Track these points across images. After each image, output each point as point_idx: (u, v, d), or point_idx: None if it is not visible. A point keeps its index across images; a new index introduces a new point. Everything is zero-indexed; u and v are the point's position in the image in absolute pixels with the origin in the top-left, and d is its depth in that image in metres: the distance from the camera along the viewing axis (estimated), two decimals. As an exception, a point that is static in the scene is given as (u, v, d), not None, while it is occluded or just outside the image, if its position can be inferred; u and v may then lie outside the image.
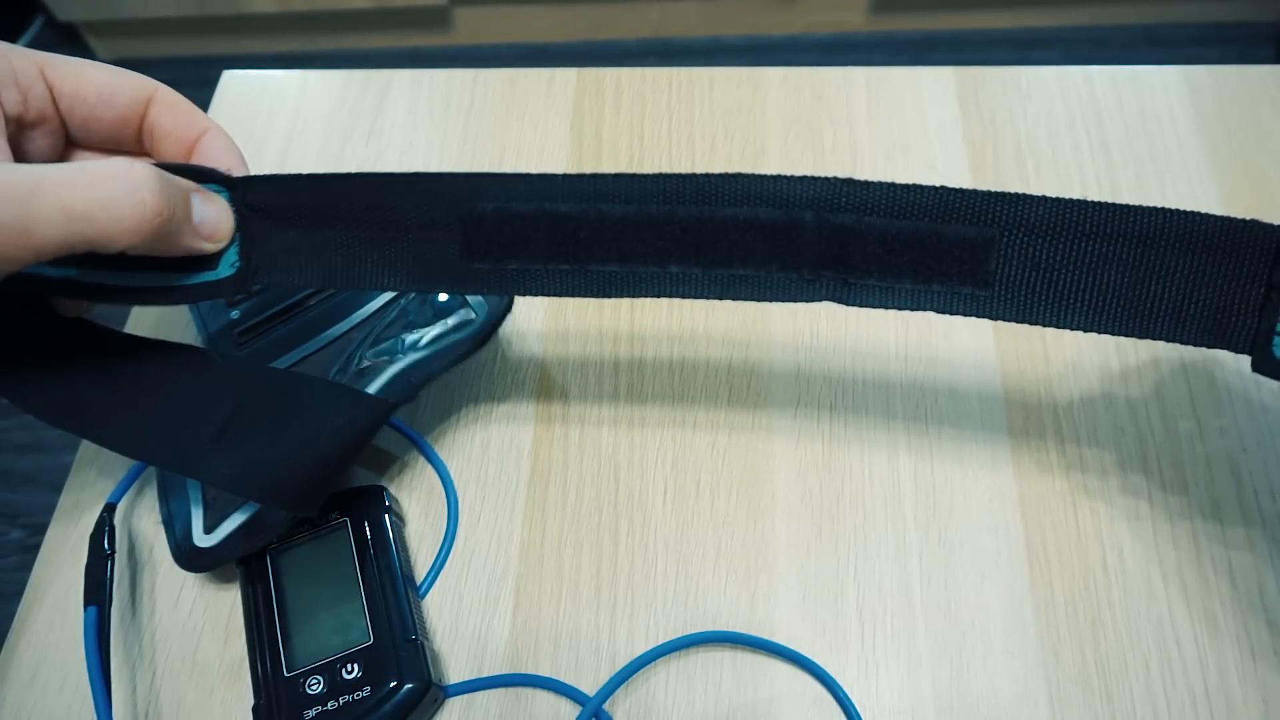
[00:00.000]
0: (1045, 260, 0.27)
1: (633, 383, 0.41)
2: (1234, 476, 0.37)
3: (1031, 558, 0.36)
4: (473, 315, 0.38)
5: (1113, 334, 0.28)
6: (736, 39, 1.51)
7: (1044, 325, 0.28)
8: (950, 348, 0.41)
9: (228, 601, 0.37)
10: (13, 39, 1.56)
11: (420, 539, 0.38)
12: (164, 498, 0.37)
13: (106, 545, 0.35)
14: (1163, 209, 0.27)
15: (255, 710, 0.33)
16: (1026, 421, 0.39)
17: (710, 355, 0.42)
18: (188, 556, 0.35)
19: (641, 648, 0.35)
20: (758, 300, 0.29)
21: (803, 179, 0.28)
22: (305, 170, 0.31)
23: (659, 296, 0.29)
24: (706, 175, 0.28)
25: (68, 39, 1.56)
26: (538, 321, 0.43)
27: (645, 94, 0.50)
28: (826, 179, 0.28)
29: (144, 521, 0.39)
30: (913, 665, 0.35)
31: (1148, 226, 0.27)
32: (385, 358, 0.37)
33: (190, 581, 0.37)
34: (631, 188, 0.28)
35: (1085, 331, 0.28)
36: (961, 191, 0.27)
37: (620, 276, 0.29)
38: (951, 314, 0.28)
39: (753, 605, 0.36)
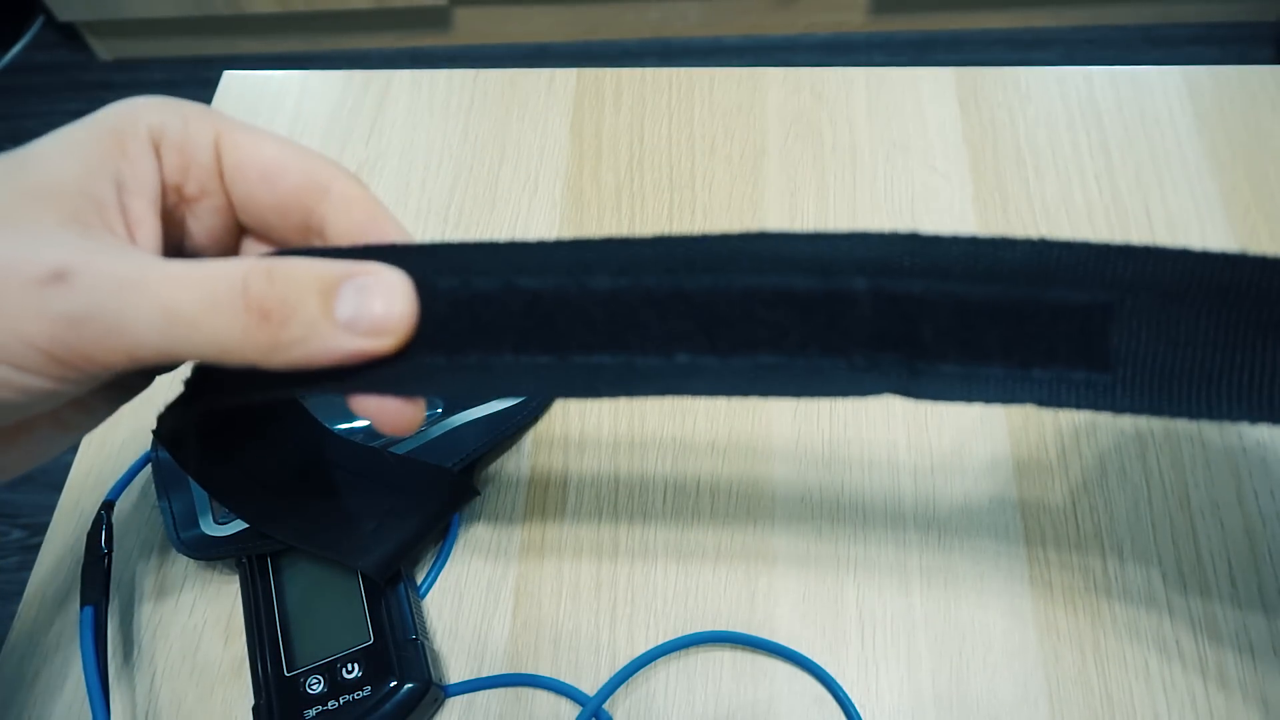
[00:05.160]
0: (1184, 332, 0.21)
1: (633, 383, 0.41)
2: (1234, 476, 0.37)
3: (1031, 558, 0.36)
4: None
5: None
6: (736, 39, 1.51)
7: (1188, 418, 0.21)
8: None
9: (228, 601, 0.37)
10: (13, 39, 1.57)
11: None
12: (162, 488, 0.37)
13: (104, 544, 0.35)
14: None
15: (255, 710, 0.33)
16: (1026, 422, 0.39)
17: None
18: (193, 545, 0.35)
19: (641, 648, 0.35)
20: (795, 396, 0.22)
21: (850, 235, 0.21)
22: None
23: (664, 395, 0.22)
24: (721, 236, 0.22)
25: (68, 39, 1.56)
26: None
27: (645, 94, 0.50)
28: (883, 235, 0.21)
29: (145, 520, 0.39)
30: (913, 665, 0.35)
31: None
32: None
33: (191, 581, 0.37)
34: (623, 254, 0.22)
35: (1249, 423, 0.21)
36: (1066, 245, 0.21)
37: (613, 370, 0.22)
38: (1059, 407, 0.22)
39: (753, 605, 0.36)
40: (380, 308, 0.21)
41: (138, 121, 0.22)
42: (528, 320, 0.22)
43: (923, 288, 0.21)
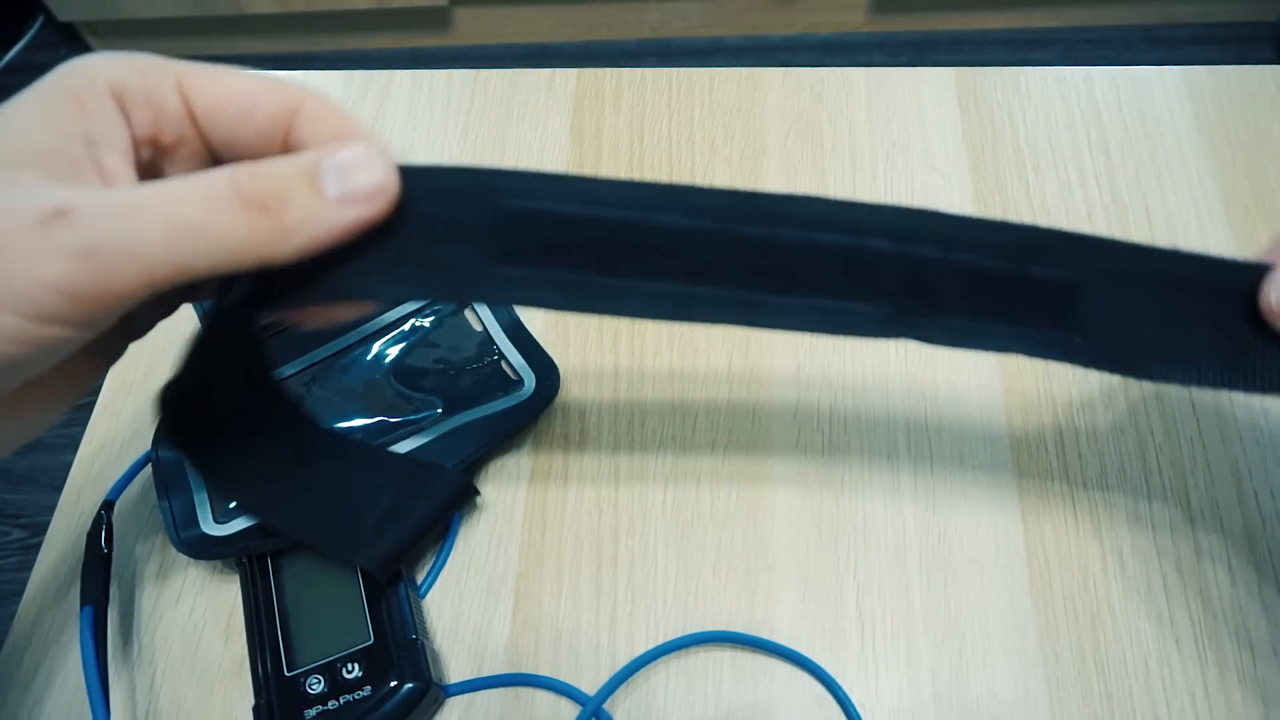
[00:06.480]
0: (1132, 309, 0.25)
1: (633, 382, 0.41)
2: (1234, 476, 0.37)
3: (1031, 558, 0.36)
4: (521, 388, 0.39)
5: (1207, 387, 0.26)
6: (736, 39, 1.51)
7: (1135, 377, 0.26)
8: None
9: (228, 601, 0.37)
10: (13, 39, 1.57)
11: (420, 539, 0.38)
12: (162, 488, 0.37)
13: (104, 543, 0.35)
14: (1243, 264, 0.25)
15: (256, 710, 0.33)
16: (1026, 421, 0.39)
17: (711, 355, 0.42)
18: (194, 544, 0.35)
19: (641, 648, 0.35)
20: (833, 334, 0.26)
21: (879, 207, 0.25)
22: None
23: (721, 324, 0.25)
24: (770, 194, 0.25)
25: (68, 39, 1.56)
26: (537, 320, 0.43)
27: (645, 94, 0.50)
28: (906, 208, 0.25)
29: (145, 520, 0.39)
30: (913, 665, 0.35)
31: (1232, 277, 0.25)
32: (420, 408, 0.39)
33: (191, 581, 0.37)
34: (690, 200, 0.24)
35: (1184, 385, 0.26)
36: (1048, 232, 0.25)
37: (678, 298, 0.24)
38: (1043, 359, 0.26)
39: (753, 605, 0.36)
40: (363, 175, 0.23)
41: (95, 78, 0.22)
42: (604, 245, 0.24)
43: (935, 253, 0.25)
